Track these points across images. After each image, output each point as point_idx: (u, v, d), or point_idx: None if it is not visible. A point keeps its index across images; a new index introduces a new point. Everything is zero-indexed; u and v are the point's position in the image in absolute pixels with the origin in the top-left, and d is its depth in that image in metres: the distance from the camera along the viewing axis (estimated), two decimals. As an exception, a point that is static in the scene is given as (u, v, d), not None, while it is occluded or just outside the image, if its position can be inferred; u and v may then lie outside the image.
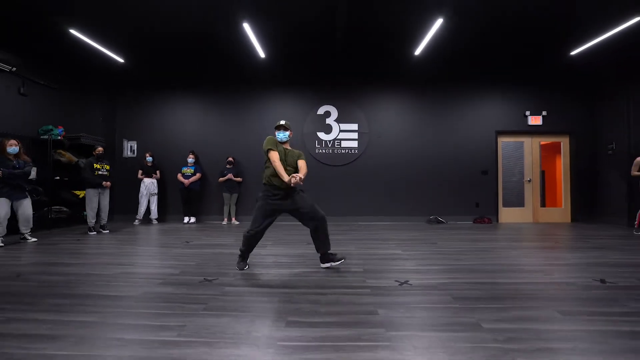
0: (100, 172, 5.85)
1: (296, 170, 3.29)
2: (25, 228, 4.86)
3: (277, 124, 3.43)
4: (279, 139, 3.41)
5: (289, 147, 3.47)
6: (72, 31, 5.58)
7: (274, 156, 3.22)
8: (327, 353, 1.73)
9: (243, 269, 3.41)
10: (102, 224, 5.98)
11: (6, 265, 3.58)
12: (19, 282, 2.97)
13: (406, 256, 4.07)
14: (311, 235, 3.42)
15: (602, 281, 2.98)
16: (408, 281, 3.00)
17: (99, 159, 5.96)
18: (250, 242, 3.43)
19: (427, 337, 1.92)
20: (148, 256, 4.16)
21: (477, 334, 1.94)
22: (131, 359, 1.66)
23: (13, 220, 4.86)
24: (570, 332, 1.97)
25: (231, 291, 2.74)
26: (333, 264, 3.42)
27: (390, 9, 5.17)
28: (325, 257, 3.43)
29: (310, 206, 3.28)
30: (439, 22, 5.26)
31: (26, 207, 4.83)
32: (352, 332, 1.96)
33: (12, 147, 4.74)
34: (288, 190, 3.25)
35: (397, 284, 2.92)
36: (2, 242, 4.54)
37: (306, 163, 3.39)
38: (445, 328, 2.03)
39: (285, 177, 3.12)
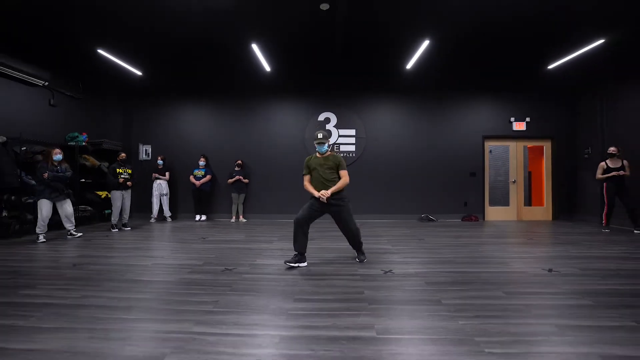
0: (123, 176, 6.53)
1: (329, 181, 3.77)
2: (69, 225, 5.57)
3: (316, 138, 3.80)
4: (319, 151, 3.87)
5: (331, 154, 3.87)
6: (100, 51, 6.23)
7: (305, 181, 3.89)
8: (324, 318, 2.41)
9: (289, 264, 3.73)
10: (124, 222, 6.66)
11: (57, 258, 4.28)
12: (77, 270, 3.66)
13: (394, 250, 4.75)
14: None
15: (550, 270, 3.65)
16: (392, 270, 3.67)
17: (122, 163, 6.63)
18: (295, 232, 3.75)
19: (399, 309, 2.60)
20: (172, 250, 4.85)
21: (436, 307, 2.61)
22: (185, 322, 2.34)
23: (55, 216, 5.54)
24: (506, 305, 2.64)
25: (248, 277, 3.42)
26: (357, 259, 4.02)
27: (382, 31, 5.80)
28: (358, 254, 4.08)
29: (345, 221, 3.82)
30: (426, 43, 5.89)
31: (67, 206, 5.54)
32: (343, 305, 2.64)
33: (57, 155, 5.44)
34: (330, 203, 3.75)
35: (382, 272, 3.60)
36: (44, 238, 5.25)
37: (346, 171, 3.82)
38: (414, 303, 2.71)
39: (315, 194, 3.75)
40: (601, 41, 5.66)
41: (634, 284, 3.14)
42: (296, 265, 3.74)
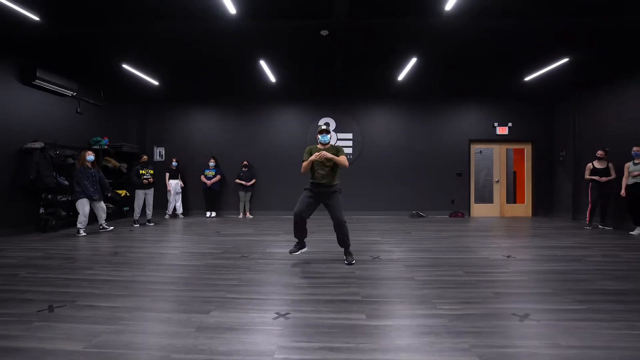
0: (145, 177, 7.31)
1: (332, 169, 3.94)
2: (102, 220, 6.37)
3: (319, 128, 4.10)
4: (321, 141, 4.05)
5: (331, 145, 4.06)
6: (124, 65, 6.99)
7: (303, 164, 4.03)
8: (323, 288, 3.21)
9: (293, 253, 4.09)
10: (148, 219, 7.45)
11: (98, 247, 5.08)
12: (120, 257, 4.46)
13: (383, 242, 5.56)
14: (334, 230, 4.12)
15: (508, 256, 4.45)
16: (379, 257, 4.48)
17: (144, 165, 7.41)
18: (295, 224, 3.96)
19: (380, 283, 3.40)
20: (193, 242, 5.64)
21: (409, 282, 3.42)
22: (220, 291, 3.13)
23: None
24: (463, 280, 3.44)
25: (262, 262, 4.22)
26: (345, 261, 4.07)
27: (375, 50, 6.58)
28: (346, 255, 4.13)
29: (334, 208, 3.94)
30: (414, 60, 6.67)
31: (102, 204, 6.37)
32: (337, 280, 3.45)
33: (90, 156, 6.22)
34: (325, 188, 3.95)
35: (371, 258, 4.40)
36: (84, 232, 6.05)
37: (345, 157, 3.97)
38: (392, 279, 3.52)
39: (306, 165, 3.91)
40: (565, 60, 6.44)
41: (569, 266, 3.95)
42: (299, 252, 4.16)
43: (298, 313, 2.63)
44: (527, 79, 7.66)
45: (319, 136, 4.11)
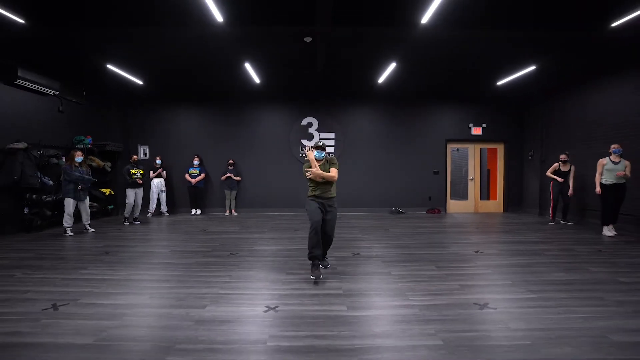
0: (135, 176, 7.40)
1: (327, 182, 3.87)
2: (86, 221, 6.43)
3: (315, 143, 4.04)
4: (316, 157, 3.96)
5: (326, 160, 3.98)
6: (109, 65, 7.02)
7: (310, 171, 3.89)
8: (308, 284, 3.51)
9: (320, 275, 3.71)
10: (135, 217, 7.55)
11: (89, 247, 5.21)
12: (112, 256, 4.62)
13: (363, 238, 5.91)
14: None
15: (477, 251, 4.88)
16: (359, 253, 4.82)
17: (135, 164, 7.49)
18: (314, 237, 3.71)
19: (360, 278, 3.73)
20: (181, 241, 5.82)
21: (386, 277, 3.76)
22: (213, 287, 3.39)
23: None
24: (433, 274, 3.82)
25: (250, 259, 4.49)
26: (322, 266, 4.00)
27: (356, 55, 6.88)
28: (322, 259, 4.06)
29: (331, 223, 3.89)
30: (393, 65, 7.00)
31: (87, 204, 6.42)
32: (321, 276, 3.75)
33: (79, 157, 6.28)
34: (326, 200, 3.87)
35: (352, 255, 4.74)
36: (71, 232, 6.12)
37: (336, 170, 3.88)
38: (370, 274, 3.86)
39: (310, 171, 3.81)
40: (532, 67, 6.94)
41: (529, 260, 4.40)
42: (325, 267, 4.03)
43: (286, 306, 2.92)
44: (499, 83, 8.14)
45: (315, 152, 3.99)
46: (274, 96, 9.52)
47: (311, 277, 3.66)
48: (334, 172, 3.86)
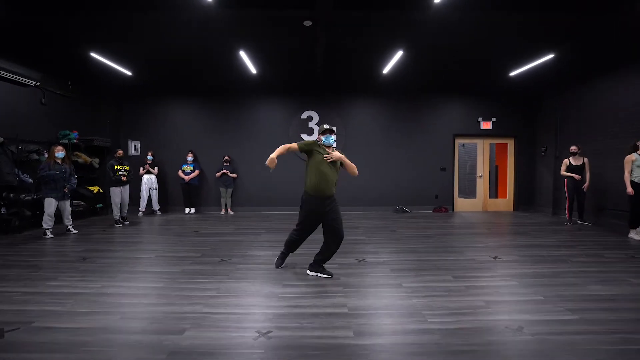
0: (120, 172, 6.88)
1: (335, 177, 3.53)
2: (68, 221, 5.95)
3: (323, 128, 3.41)
4: (324, 144, 3.42)
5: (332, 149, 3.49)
6: (93, 54, 6.49)
7: (287, 144, 3.49)
8: (308, 299, 3.03)
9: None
10: (122, 216, 7.05)
11: (67, 252, 4.73)
12: (89, 263, 4.14)
13: (368, 241, 5.42)
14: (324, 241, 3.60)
15: (495, 258, 4.39)
16: (364, 259, 4.33)
17: (119, 160, 6.97)
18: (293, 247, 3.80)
19: (367, 291, 3.25)
20: (170, 244, 5.34)
21: (397, 290, 3.28)
22: (196, 304, 2.91)
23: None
24: (451, 287, 3.33)
25: (242, 267, 4.00)
26: (320, 274, 3.59)
27: (360, 42, 6.35)
28: (315, 265, 3.64)
29: (339, 215, 3.50)
30: (399, 53, 6.47)
31: (68, 205, 5.93)
32: (323, 289, 3.27)
33: (60, 152, 5.78)
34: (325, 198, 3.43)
35: (357, 261, 4.25)
36: (51, 234, 5.64)
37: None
38: (379, 286, 3.38)
39: (273, 158, 3.36)
40: (551, 55, 6.39)
41: (555, 268, 3.91)
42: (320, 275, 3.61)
43: (280, 331, 2.44)
44: (512, 74, 7.60)
45: (322, 137, 3.45)
46: (272, 89, 8.99)
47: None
48: (349, 164, 3.59)
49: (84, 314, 2.71)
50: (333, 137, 3.49)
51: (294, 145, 3.52)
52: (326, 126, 3.51)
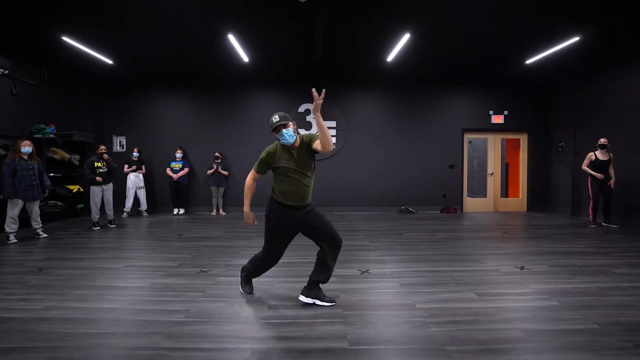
0: (101, 170, 6.22)
1: (308, 187, 2.85)
2: (36, 224, 5.31)
3: (273, 123, 2.63)
4: (284, 142, 2.67)
5: (299, 142, 2.72)
6: (65, 38, 5.86)
7: (250, 178, 2.95)
8: (298, 327, 2.39)
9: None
10: (109, 219, 6.37)
11: (25, 261, 4.09)
12: (43, 275, 3.51)
13: (372, 247, 4.78)
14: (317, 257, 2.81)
15: (522, 268, 3.75)
16: (368, 270, 3.69)
17: (100, 157, 6.31)
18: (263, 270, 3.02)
19: (373, 315, 2.61)
20: (147, 250, 4.72)
21: (410, 313, 2.63)
22: (155, 335, 2.27)
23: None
24: (477, 309, 2.69)
25: (223, 281, 3.36)
26: (318, 302, 2.74)
27: (362, 23, 5.69)
28: (312, 287, 2.77)
29: (322, 218, 2.87)
30: (406, 36, 5.82)
31: (36, 206, 5.30)
32: (318, 312, 2.63)
33: (26, 148, 5.14)
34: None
35: (359, 272, 3.61)
36: (15, 239, 5.01)
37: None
38: (387, 308, 2.74)
39: (248, 212, 2.85)
40: (576, 38, 5.71)
41: (598, 283, 3.26)
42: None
43: (258, 380, 1.80)
44: (528, 61, 6.91)
45: (277, 136, 2.68)
46: (266, 79, 8.32)
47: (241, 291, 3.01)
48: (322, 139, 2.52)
49: (3, 352, 2.07)
50: (289, 130, 2.63)
51: (254, 175, 2.90)
52: (275, 119, 2.64)
